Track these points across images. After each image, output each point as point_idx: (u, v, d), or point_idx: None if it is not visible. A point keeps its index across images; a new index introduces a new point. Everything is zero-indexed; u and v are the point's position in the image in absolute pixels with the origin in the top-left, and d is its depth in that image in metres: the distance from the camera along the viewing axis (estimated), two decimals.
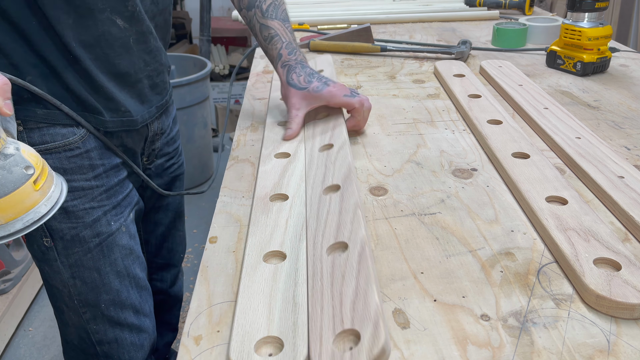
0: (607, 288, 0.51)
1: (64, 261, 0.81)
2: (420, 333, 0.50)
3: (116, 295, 0.85)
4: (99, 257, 0.82)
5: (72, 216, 0.78)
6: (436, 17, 1.73)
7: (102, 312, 0.85)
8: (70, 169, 0.76)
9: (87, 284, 0.83)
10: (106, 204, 0.80)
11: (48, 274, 0.83)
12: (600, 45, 1.14)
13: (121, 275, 0.85)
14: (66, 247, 0.80)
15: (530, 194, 0.68)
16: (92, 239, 0.80)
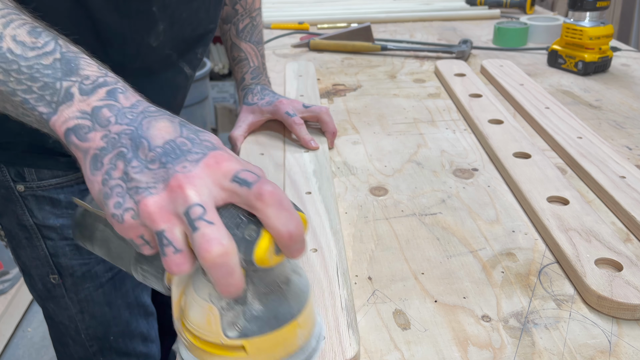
0: (609, 288, 0.51)
1: (73, 297, 0.77)
2: (420, 334, 0.49)
3: (126, 326, 0.82)
4: (111, 291, 0.78)
5: (85, 252, 0.73)
6: (437, 16, 1.73)
7: (111, 345, 0.82)
8: None
9: (97, 318, 0.79)
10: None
11: (53, 311, 0.79)
12: (602, 44, 1.13)
13: (131, 307, 0.82)
14: (76, 283, 0.76)
15: (532, 194, 0.67)
16: (104, 273, 0.77)
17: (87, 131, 0.38)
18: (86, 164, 0.38)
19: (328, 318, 0.48)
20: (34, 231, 0.72)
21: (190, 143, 0.37)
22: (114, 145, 0.37)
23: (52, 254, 0.74)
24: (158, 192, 0.35)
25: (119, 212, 0.36)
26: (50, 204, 0.71)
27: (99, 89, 0.40)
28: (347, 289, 0.52)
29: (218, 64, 3.43)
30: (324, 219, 0.63)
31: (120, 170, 0.37)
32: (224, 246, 0.34)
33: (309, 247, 0.58)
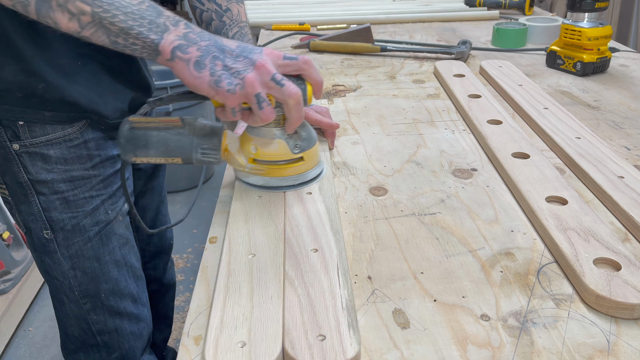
0: (607, 288, 0.51)
1: (64, 252, 0.82)
2: (420, 333, 0.50)
3: (115, 284, 0.86)
4: (98, 246, 0.83)
5: (73, 205, 0.80)
6: (436, 17, 1.73)
7: (102, 302, 0.86)
8: (70, 159, 0.78)
9: (87, 274, 0.84)
10: (103, 192, 0.82)
11: (48, 266, 0.84)
12: (600, 45, 1.14)
13: (119, 265, 0.86)
14: (66, 237, 0.81)
15: (530, 194, 0.68)
16: (91, 227, 0.82)
17: (186, 47, 0.60)
18: (190, 68, 0.60)
19: (329, 318, 0.49)
20: (28, 187, 0.78)
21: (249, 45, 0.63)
22: (208, 52, 0.61)
23: (44, 209, 0.79)
24: (252, 70, 0.60)
25: (232, 87, 0.60)
26: (42, 160, 0.76)
27: (179, 22, 0.62)
28: (348, 289, 0.52)
29: None
30: (324, 219, 0.64)
31: (220, 65, 0.60)
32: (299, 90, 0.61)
33: (309, 247, 0.59)
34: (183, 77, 0.62)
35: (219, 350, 0.46)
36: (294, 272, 0.55)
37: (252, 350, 0.46)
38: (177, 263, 2.06)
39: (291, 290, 0.52)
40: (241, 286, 0.53)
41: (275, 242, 0.60)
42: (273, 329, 0.48)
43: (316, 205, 0.67)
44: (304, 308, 0.50)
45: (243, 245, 0.60)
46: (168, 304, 1.24)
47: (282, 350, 0.46)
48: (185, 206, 2.45)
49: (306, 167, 0.71)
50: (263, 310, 0.50)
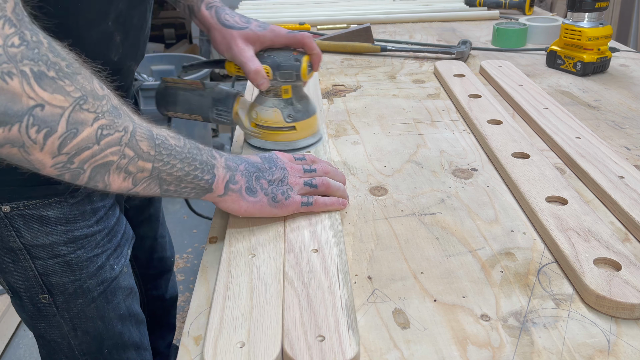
0: (607, 288, 0.51)
1: (65, 315, 0.75)
2: (420, 333, 0.50)
3: (119, 338, 0.81)
4: (103, 305, 0.77)
5: (76, 268, 0.72)
6: (436, 17, 1.73)
7: (105, 358, 0.81)
8: (72, 218, 0.70)
9: (89, 333, 0.78)
10: (108, 247, 0.75)
11: (45, 330, 0.77)
12: (600, 45, 1.14)
13: (123, 318, 0.81)
14: (67, 300, 0.74)
15: (530, 194, 0.68)
16: (96, 287, 0.75)
17: (234, 177, 0.60)
18: (244, 196, 0.61)
19: (328, 318, 0.49)
20: (21, 252, 0.69)
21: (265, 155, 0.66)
22: (250, 175, 0.61)
23: (41, 274, 0.71)
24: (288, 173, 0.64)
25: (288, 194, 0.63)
26: (39, 222, 0.68)
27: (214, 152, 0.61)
28: (348, 289, 0.52)
29: None
30: (324, 219, 0.64)
31: (265, 183, 0.62)
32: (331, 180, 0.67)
33: (309, 247, 0.59)
34: (236, 207, 0.60)
35: (218, 350, 0.46)
36: (293, 272, 0.55)
37: (251, 351, 0.46)
38: (177, 263, 2.06)
39: (291, 291, 0.52)
40: (241, 286, 0.53)
41: (275, 242, 0.60)
42: (272, 329, 0.48)
43: None
44: (303, 308, 0.50)
45: (243, 245, 0.60)
46: (170, 313, 1.22)
47: (281, 350, 0.46)
48: (185, 206, 2.45)
49: (297, 136, 0.79)
50: (262, 310, 0.50)
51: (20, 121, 0.44)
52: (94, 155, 0.49)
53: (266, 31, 0.76)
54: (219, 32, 0.78)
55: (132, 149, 0.51)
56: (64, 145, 0.47)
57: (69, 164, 0.48)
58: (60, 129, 0.46)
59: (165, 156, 0.54)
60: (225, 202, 0.60)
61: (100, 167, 0.50)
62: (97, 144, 0.48)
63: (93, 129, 0.48)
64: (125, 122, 0.51)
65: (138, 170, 0.52)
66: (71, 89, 0.46)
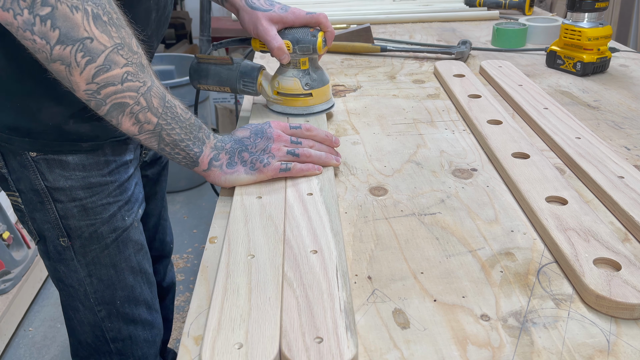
0: (607, 288, 0.51)
1: (81, 260, 0.82)
2: (420, 333, 0.50)
3: (130, 291, 0.87)
4: (115, 253, 0.84)
5: (91, 212, 0.80)
6: (436, 17, 1.73)
7: (117, 309, 0.87)
8: (88, 165, 0.79)
9: (104, 281, 0.84)
10: (120, 199, 0.83)
11: (63, 274, 0.84)
12: (600, 45, 1.14)
13: (135, 271, 0.87)
14: (84, 245, 0.81)
15: (530, 194, 0.68)
16: (109, 234, 0.82)
17: (217, 155, 0.71)
18: (224, 169, 0.71)
19: (327, 320, 0.49)
20: (45, 195, 0.78)
21: (257, 126, 0.75)
22: (233, 152, 0.71)
23: (61, 216, 0.79)
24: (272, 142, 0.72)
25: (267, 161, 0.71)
26: (60, 167, 0.77)
27: (210, 134, 0.71)
28: (347, 291, 0.52)
29: None
30: (324, 220, 0.64)
31: (247, 155, 0.71)
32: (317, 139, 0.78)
33: (308, 248, 0.59)
34: (218, 181, 0.71)
35: (215, 351, 0.46)
36: (292, 273, 0.55)
37: (249, 352, 0.45)
38: (177, 263, 2.06)
39: (289, 292, 0.52)
40: (239, 287, 0.53)
41: (274, 243, 0.60)
42: (270, 330, 0.48)
43: (317, 206, 0.66)
44: (302, 310, 0.50)
45: (242, 246, 0.60)
46: (168, 307, 1.24)
47: (279, 352, 0.46)
48: (185, 206, 2.45)
49: (314, 102, 0.92)
50: (261, 311, 0.50)
51: (74, 44, 0.57)
52: (115, 93, 0.61)
53: (287, 13, 0.89)
54: (247, 13, 0.90)
55: (145, 100, 0.63)
56: (97, 76, 0.59)
57: (96, 93, 0.61)
58: (98, 61, 0.59)
59: (169, 117, 0.66)
60: (209, 176, 0.71)
61: (117, 106, 0.62)
62: (121, 84, 0.61)
63: (122, 71, 0.60)
64: (147, 78, 0.63)
65: (145, 121, 0.64)
66: (115, 35, 0.60)
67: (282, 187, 0.71)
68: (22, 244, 1.84)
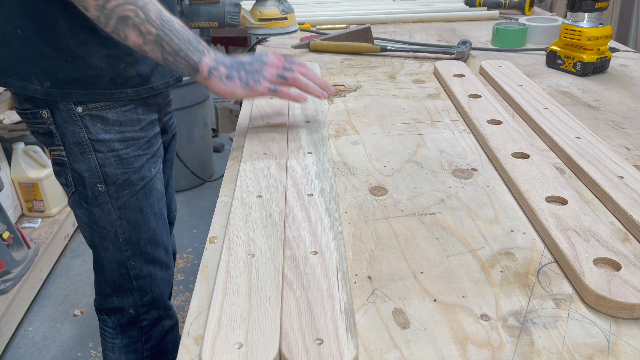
0: (607, 288, 0.51)
1: (114, 203, 0.93)
2: (420, 333, 0.50)
3: (153, 234, 0.98)
4: (143, 199, 0.95)
5: (125, 162, 0.91)
6: (436, 17, 1.73)
7: (141, 250, 0.98)
8: (124, 121, 0.89)
9: (131, 223, 0.95)
10: (148, 152, 0.94)
11: (98, 216, 0.94)
12: (600, 45, 1.14)
13: (157, 217, 0.99)
14: (117, 190, 0.92)
15: (530, 194, 0.68)
16: (138, 182, 0.93)
17: (217, 67, 0.81)
18: (223, 81, 0.81)
19: (327, 321, 0.49)
20: (87, 146, 0.88)
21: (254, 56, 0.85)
22: (232, 67, 0.82)
23: (100, 165, 0.90)
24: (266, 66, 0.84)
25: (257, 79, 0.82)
26: (101, 122, 0.88)
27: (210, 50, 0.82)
28: (347, 292, 0.52)
29: None
30: (325, 221, 0.63)
31: (243, 72, 0.82)
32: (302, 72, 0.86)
33: (309, 249, 0.59)
34: (218, 89, 0.81)
35: (215, 351, 0.46)
36: (293, 274, 0.55)
37: (249, 352, 0.45)
38: (177, 263, 2.06)
39: (290, 293, 0.52)
40: (240, 287, 0.53)
41: (274, 243, 0.60)
42: (270, 330, 0.48)
43: (317, 207, 0.66)
44: (302, 311, 0.50)
45: (242, 245, 0.60)
46: None
47: (279, 352, 0.46)
48: (185, 206, 2.45)
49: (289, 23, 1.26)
50: (261, 311, 0.50)
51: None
52: (118, 6, 0.73)
53: None
54: None
55: (143, 13, 0.74)
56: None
57: (103, 9, 0.73)
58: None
59: (167, 30, 0.77)
60: (210, 85, 0.81)
61: (122, 19, 0.74)
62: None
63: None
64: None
65: (146, 32, 0.75)
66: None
67: (282, 187, 0.71)
68: (22, 244, 1.84)
